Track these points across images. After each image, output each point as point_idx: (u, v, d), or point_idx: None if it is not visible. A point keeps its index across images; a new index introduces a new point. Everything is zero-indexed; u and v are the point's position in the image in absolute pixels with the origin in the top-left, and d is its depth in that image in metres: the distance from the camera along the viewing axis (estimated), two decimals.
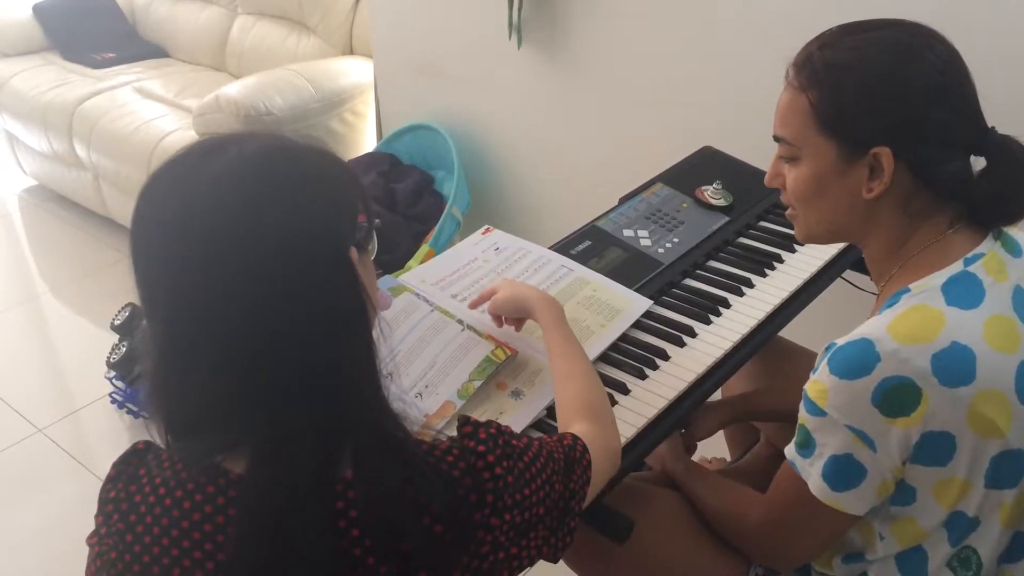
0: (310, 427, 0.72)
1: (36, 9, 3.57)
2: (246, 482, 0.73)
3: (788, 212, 1.07)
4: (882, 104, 0.93)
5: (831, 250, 1.43)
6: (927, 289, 0.93)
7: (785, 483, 1.02)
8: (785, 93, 1.00)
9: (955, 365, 0.88)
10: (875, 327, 0.91)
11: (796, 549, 1.06)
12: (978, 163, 0.98)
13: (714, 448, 1.94)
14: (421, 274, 1.31)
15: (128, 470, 0.79)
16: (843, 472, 0.94)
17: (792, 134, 0.98)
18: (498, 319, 1.22)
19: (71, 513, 2.14)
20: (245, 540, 0.72)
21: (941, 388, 0.88)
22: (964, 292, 0.93)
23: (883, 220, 0.98)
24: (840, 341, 0.93)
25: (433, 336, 1.19)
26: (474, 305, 1.24)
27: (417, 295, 1.25)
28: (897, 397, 0.88)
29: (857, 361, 0.90)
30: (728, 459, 1.78)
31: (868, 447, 0.91)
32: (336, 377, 0.73)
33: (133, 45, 3.64)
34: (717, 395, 1.42)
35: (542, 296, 1.14)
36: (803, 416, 0.96)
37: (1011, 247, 0.99)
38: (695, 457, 1.51)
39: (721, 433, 1.73)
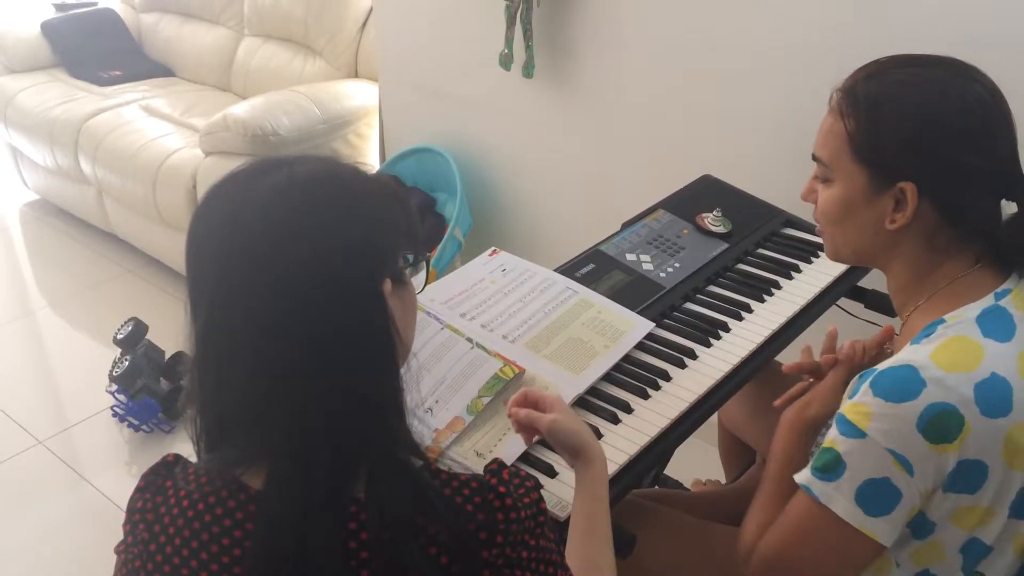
0: (327, 447, 0.74)
1: (44, 26, 3.61)
2: (263, 497, 0.75)
3: (818, 229, 1.11)
4: (915, 143, 0.96)
5: (827, 278, 1.48)
6: (962, 321, 0.96)
7: (797, 514, 0.99)
8: (828, 116, 1.03)
9: (995, 395, 0.91)
10: (918, 355, 0.93)
11: None
12: (1009, 206, 1.01)
13: (709, 470, 1.98)
14: (431, 293, 1.35)
15: (156, 481, 0.82)
16: (878, 496, 0.93)
17: (828, 156, 1.02)
18: (527, 433, 1.08)
19: (71, 524, 2.15)
20: (261, 554, 0.74)
21: (982, 417, 0.90)
22: (998, 325, 0.95)
23: (906, 251, 1.01)
24: (880, 367, 0.94)
25: (443, 353, 1.23)
26: (519, 419, 1.06)
27: (428, 313, 1.28)
28: (942, 423, 0.90)
29: (903, 385, 0.91)
30: (723, 481, 1.82)
31: (906, 471, 0.92)
32: (358, 402, 0.75)
33: (139, 63, 3.69)
34: (714, 418, 1.46)
35: (599, 447, 1.03)
36: (835, 439, 0.95)
37: None
38: (690, 482, 1.55)
39: (717, 454, 1.77)
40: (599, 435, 1.17)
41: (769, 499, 1.09)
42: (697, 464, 1.97)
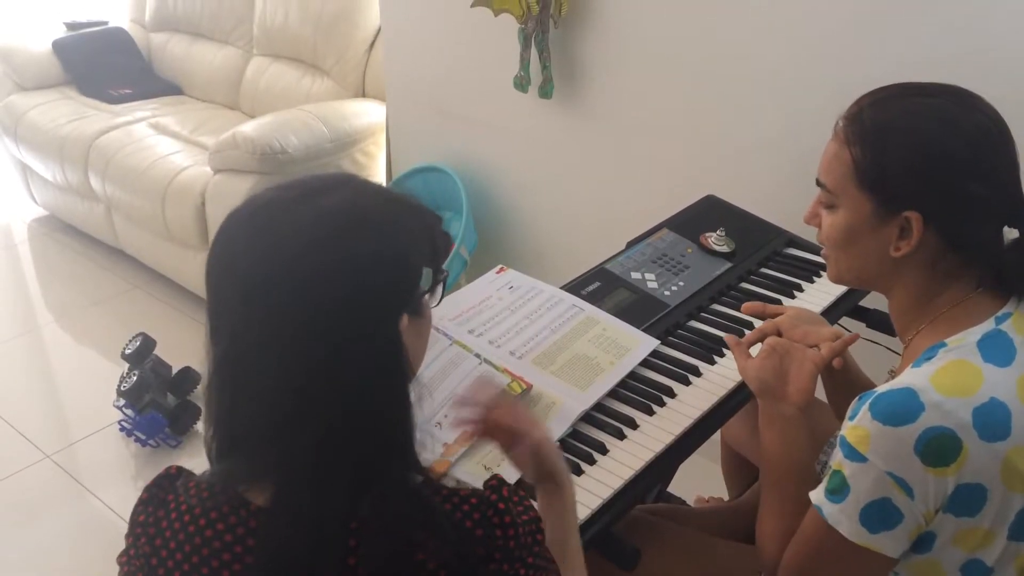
0: (339, 472, 0.75)
1: (55, 45, 3.66)
2: (268, 514, 0.77)
3: (822, 252, 1.12)
4: (921, 172, 0.97)
5: (829, 298, 1.50)
6: (963, 345, 0.97)
7: (812, 531, 1.02)
8: (832, 143, 1.04)
9: (993, 420, 0.92)
10: (918, 378, 0.95)
11: None
12: (1011, 232, 1.02)
13: (712, 488, 1.99)
14: (439, 310, 1.37)
15: (159, 494, 0.84)
16: (880, 516, 0.95)
17: (832, 183, 1.03)
18: (503, 436, 0.99)
19: (77, 538, 2.17)
20: (262, 570, 0.76)
21: (980, 442, 0.91)
22: (998, 350, 0.97)
23: (909, 277, 1.03)
24: (879, 389, 0.96)
25: (452, 369, 1.25)
26: (510, 419, 0.98)
27: (436, 329, 1.31)
28: (939, 447, 0.91)
29: (901, 408, 0.92)
30: (726, 498, 1.83)
31: (906, 494, 0.93)
32: (370, 429, 0.77)
33: (149, 82, 3.73)
34: (716, 436, 1.48)
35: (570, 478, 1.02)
36: (839, 462, 0.97)
37: None
38: (692, 499, 1.56)
39: (719, 471, 1.79)
40: (604, 451, 1.19)
41: (777, 506, 1.11)
42: (700, 481, 1.98)
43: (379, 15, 2.78)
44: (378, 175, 3.00)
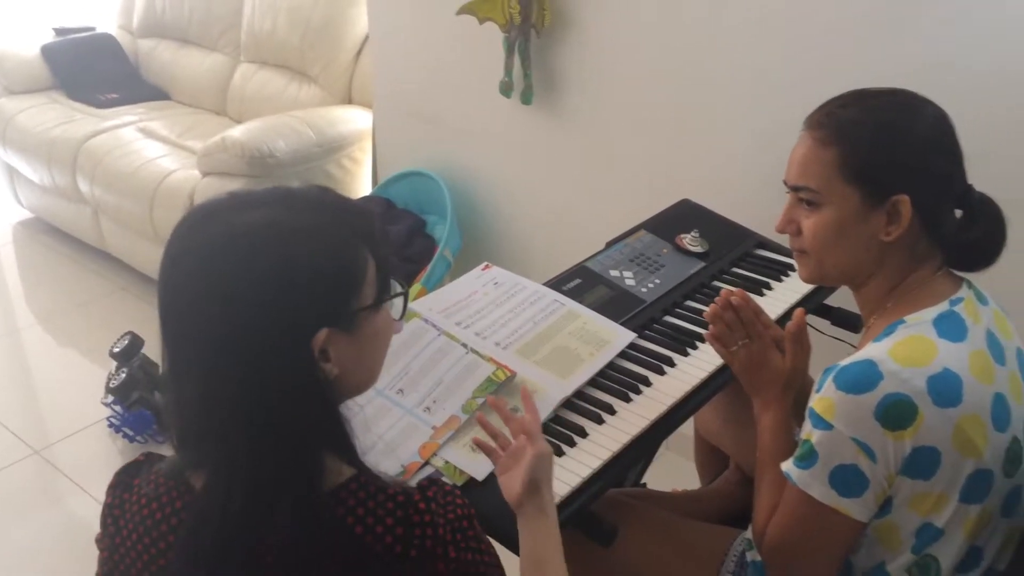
0: (260, 465, 0.80)
1: (44, 49, 3.70)
2: (197, 498, 0.83)
3: (797, 255, 1.19)
4: (899, 156, 1.08)
5: (796, 295, 1.58)
6: (921, 322, 1.07)
7: (789, 499, 1.11)
8: (803, 147, 1.13)
9: (946, 388, 1.01)
10: (877, 351, 1.04)
11: (813, 565, 1.11)
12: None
13: (686, 482, 2.07)
14: (428, 303, 1.45)
15: (126, 479, 0.90)
16: (848, 480, 1.04)
17: (816, 183, 1.10)
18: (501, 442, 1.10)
19: (66, 533, 2.21)
20: (185, 550, 0.82)
21: (934, 407, 1.01)
22: (952, 328, 1.06)
23: (892, 261, 1.12)
24: (843, 362, 1.05)
25: (440, 357, 1.32)
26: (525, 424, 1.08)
27: (426, 321, 1.38)
28: (897, 412, 1.01)
29: (863, 377, 1.02)
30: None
31: (869, 458, 1.02)
32: (277, 436, 0.80)
33: (136, 87, 3.78)
34: (690, 423, 1.56)
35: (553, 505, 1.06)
36: (808, 431, 1.06)
37: (980, 296, 1.14)
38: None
39: (693, 468, 1.87)
40: (584, 434, 1.26)
41: (766, 483, 1.19)
42: (675, 477, 2.06)
43: (367, 23, 2.86)
44: (364, 180, 3.07)
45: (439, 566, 0.84)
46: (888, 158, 1.08)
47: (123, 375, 2.51)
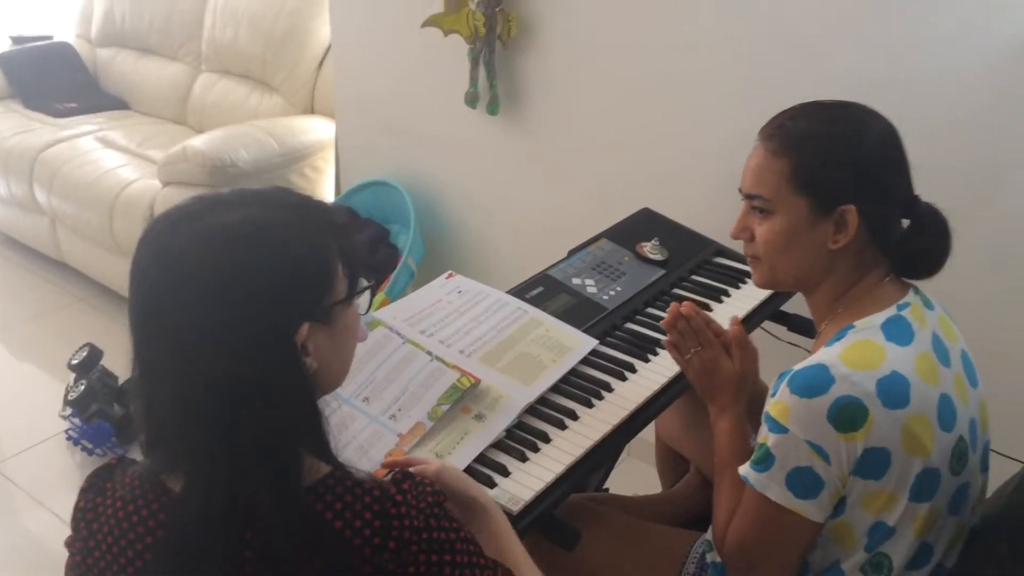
0: (239, 464, 0.80)
1: (0, 58, 3.65)
2: (177, 500, 0.83)
3: (751, 260, 1.23)
4: (847, 168, 1.12)
5: (753, 302, 1.62)
6: (870, 327, 1.11)
7: (748, 502, 1.14)
8: (756, 158, 1.16)
9: (895, 390, 1.05)
10: (828, 356, 1.08)
11: (771, 565, 1.15)
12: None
13: (648, 488, 2.10)
14: (393, 311, 1.46)
15: (98, 483, 0.90)
16: (804, 482, 1.07)
17: (768, 192, 1.14)
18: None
19: (24, 547, 2.17)
20: (165, 551, 0.82)
21: (884, 409, 1.05)
22: (899, 332, 1.11)
23: (841, 267, 1.16)
24: (796, 367, 1.09)
25: (405, 365, 1.33)
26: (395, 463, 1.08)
27: (390, 329, 1.39)
28: (848, 414, 1.04)
29: (815, 381, 1.05)
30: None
31: (824, 460, 1.06)
32: (261, 433, 0.80)
33: (94, 96, 3.74)
34: (651, 428, 1.58)
35: (492, 498, 1.08)
36: (765, 435, 1.10)
37: (926, 301, 1.18)
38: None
39: (655, 474, 1.89)
40: (547, 440, 1.28)
41: (725, 486, 1.21)
42: (637, 480, 2.09)
43: (329, 33, 2.86)
44: (327, 189, 3.07)
45: (412, 548, 0.85)
46: (836, 169, 1.12)
47: (82, 387, 2.48)
